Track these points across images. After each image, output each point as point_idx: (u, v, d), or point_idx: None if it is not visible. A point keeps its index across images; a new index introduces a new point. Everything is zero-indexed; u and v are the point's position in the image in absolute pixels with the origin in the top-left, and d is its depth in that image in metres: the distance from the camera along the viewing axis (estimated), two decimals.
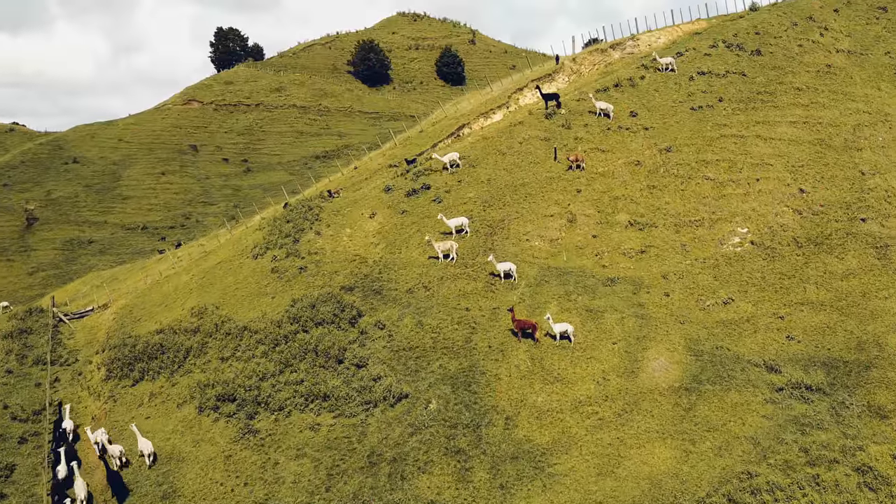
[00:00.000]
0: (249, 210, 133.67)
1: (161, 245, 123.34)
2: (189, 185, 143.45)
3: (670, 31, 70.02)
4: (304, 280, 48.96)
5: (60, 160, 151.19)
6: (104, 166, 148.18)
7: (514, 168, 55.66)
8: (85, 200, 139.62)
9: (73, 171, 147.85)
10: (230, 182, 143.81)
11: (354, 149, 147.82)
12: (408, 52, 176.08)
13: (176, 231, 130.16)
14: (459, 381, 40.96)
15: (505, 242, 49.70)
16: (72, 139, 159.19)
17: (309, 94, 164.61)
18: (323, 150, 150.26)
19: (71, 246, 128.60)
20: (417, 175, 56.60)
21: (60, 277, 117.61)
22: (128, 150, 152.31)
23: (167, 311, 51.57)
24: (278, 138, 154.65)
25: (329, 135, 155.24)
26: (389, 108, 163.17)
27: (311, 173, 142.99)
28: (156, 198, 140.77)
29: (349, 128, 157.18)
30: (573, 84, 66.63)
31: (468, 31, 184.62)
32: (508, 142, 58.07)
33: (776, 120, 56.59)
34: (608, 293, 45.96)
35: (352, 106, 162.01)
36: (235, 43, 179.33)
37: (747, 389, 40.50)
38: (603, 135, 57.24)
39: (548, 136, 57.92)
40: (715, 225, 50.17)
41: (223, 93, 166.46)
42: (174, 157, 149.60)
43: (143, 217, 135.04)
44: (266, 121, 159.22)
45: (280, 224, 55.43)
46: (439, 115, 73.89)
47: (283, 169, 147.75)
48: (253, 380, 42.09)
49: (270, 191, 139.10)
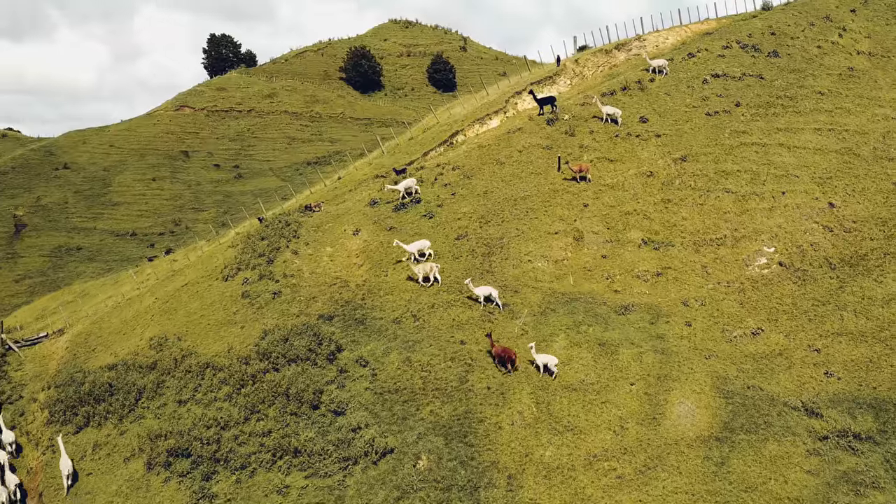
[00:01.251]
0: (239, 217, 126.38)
1: (150, 252, 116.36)
2: (180, 191, 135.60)
3: (678, 31, 62.25)
4: (277, 307, 40.88)
5: (51, 166, 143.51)
6: (95, 172, 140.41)
7: (513, 179, 47.66)
8: (75, 207, 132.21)
9: (63, 177, 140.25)
10: (221, 188, 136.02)
11: (346, 155, 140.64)
12: (399, 59, 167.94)
13: (165, 238, 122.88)
14: (453, 431, 33.12)
15: (504, 264, 41.79)
16: (63, 145, 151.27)
17: (301, 101, 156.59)
18: (315, 156, 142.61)
19: (59, 253, 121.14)
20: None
21: (47, 285, 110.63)
22: (119, 155, 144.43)
23: (124, 340, 43.45)
24: (270, 144, 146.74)
25: (321, 141, 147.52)
26: (381, 114, 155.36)
27: (301, 179, 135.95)
28: (146, 204, 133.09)
29: (341, 134, 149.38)
30: (576, 87, 58.73)
31: (459, 38, 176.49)
32: (507, 150, 49.98)
33: (799, 127, 48.89)
34: (622, 323, 38.20)
35: (344, 112, 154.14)
36: (228, 49, 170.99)
37: (787, 438, 33.04)
38: (611, 142, 49.28)
39: (550, 144, 49.84)
40: (738, 243, 42.47)
41: (215, 99, 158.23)
42: (165, 163, 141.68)
43: (133, 223, 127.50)
44: (258, 127, 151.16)
45: (254, 242, 47.14)
46: (430, 121, 65.71)
47: (275, 175, 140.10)
48: (213, 430, 33.99)
49: (261, 196, 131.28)
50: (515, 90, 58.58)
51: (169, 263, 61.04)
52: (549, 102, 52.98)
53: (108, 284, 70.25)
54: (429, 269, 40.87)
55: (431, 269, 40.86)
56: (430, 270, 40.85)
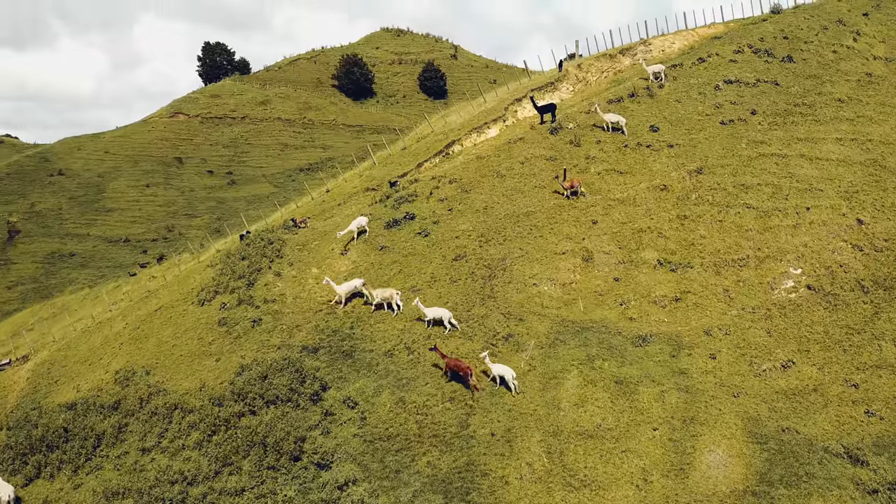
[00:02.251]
0: (233, 223, 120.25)
1: (143, 258, 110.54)
2: (173, 197, 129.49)
3: (685, 35, 56.52)
4: (256, 337, 34.96)
5: (46, 172, 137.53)
6: (89, 178, 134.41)
7: (515, 194, 41.78)
8: (69, 213, 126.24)
9: (58, 183, 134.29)
10: (214, 194, 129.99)
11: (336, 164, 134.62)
12: (391, 67, 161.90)
13: (158, 244, 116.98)
14: (454, 486, 27.42)
15: (507, 288, 35.99)
16: (58, 151, 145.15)
17: (294, 108, 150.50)
18: (307, 162, 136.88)
19: (52, 259, 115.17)
20: (399, 202, 42.38)
21: (40, 292, 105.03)
22: (113, 162, 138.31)
23: (89, 371, 37.42)
24: (263, 151, 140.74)
25: (313, 147, 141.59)
26: (373, 121, 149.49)
27: (294, 185, 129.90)
28: (139, 210, 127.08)
29: (333, 140, 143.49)
30: (579, 94, 52.84)
31: (450, 46, 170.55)
32: (508, 162, 43.99)
33: (820, 136, 43.24)
34: (641, 356, 32.55)
35: (336, 119, 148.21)
36: (222, 57, 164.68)
37: (831, 493, 27.58)
38: (620, 153, 43.42)
39: (554, 154, 43.88)
40: (762, 264, 36.87)
41: (209, 106, 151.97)
42: (159, 170, 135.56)
43: (126, 230, 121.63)
44: (251, 133, 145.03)
45: (234, 261, 41.09)
46: (424, 129, 59.54)
47: (268, 181, 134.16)
48: (178, 486, 27.98)
49: (254, 203, 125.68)
50: (515, 97, 52.32)
51: (147, 280, 54.86)
52: (549, 110, 47.15)
53: (88, 299, 64.18)
54: (388, 295, 35.09)
55: (392, 296, 35.09)
56: (391, 296, 35.08)
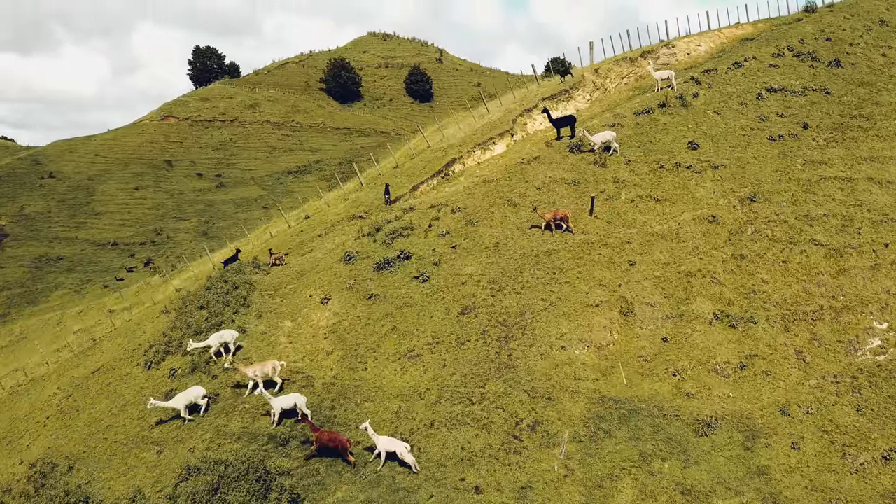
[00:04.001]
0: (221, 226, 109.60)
1: (130, 262, 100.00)
2: (162, 199, 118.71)
3: (711, 36, 46.46)
4: (211, 420, 24.70)
5: (37, 175, 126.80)
6: (79, 181, 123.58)
7: (532, 227, 31.63)
8: (58, 216, 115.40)
9: (48, 186, 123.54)
10: (203, 197, 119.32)
11: (325, 164, 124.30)
12: (378, 70, 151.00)
13: (146, 247, 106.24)
14: None
15: (529, 353, 25.92)
16: (50, 154, 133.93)
17: (282, 111, 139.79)
18: (295, 165, 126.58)
19: (39, 264, 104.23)
20: (391, 236, 31.97)
21: (26, 297, 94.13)
22: (104, 164, 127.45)
23: (4, 456, 27.04)
24: (252, 153, 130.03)
25: (301, 150, 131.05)
26: (360, 123, 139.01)
27: (282, 188, 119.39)
28: (128, 213, 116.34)
29: (321, 143, 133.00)
30: (598, 103, 42.06)
31: (435, 51, 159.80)
32: (521, 187, 33.51)
33: (887, 155, 33.40)
34: (707, 451, 22.69)
35: (324, 122, 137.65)
36: (212, 61, 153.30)
37: None
38: (654, 175, 33.18)
39: (577, 178, 33.54)
40: (839, 317, 27.11)
41: (199, 109, 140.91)
42: (149, 172, 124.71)
43: (115, 233, 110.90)
44: (240, 136, 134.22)
45: (190, 310, 30.52)
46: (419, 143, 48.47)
47: (256, 184, 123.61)
48: None
49: (242, 206, 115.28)
50: (524, 107, 41.59)
51: (100, 314, 44.13)
52: (567, 123, 36.95)
53: (50, 325, 53.54)
54: (269, 369, 25.01)
55: (273, 370, 25.03)
56: (273, 371, 25.02)
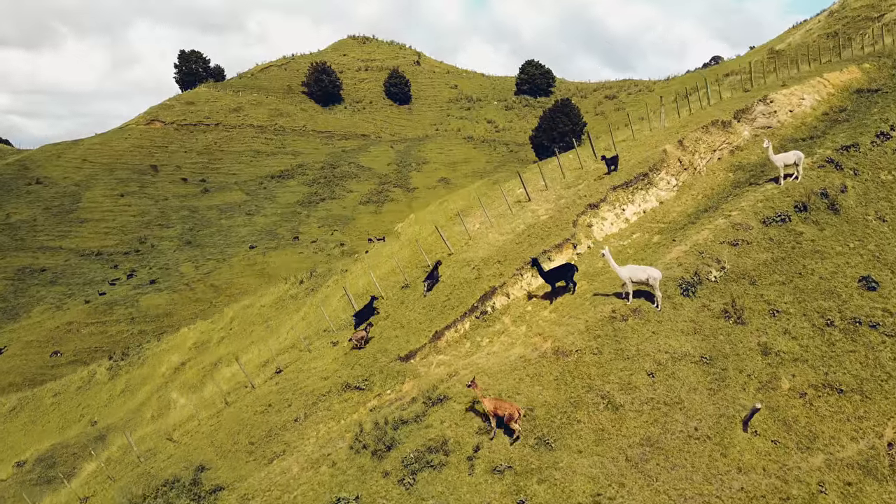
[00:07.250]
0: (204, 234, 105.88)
1: (113, 274, 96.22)
2: (147, 206, 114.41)
3: (815, 85, 35.26)
4: None
5: (24, 181, 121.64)
6: (66, 188, 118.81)
7: (652, 452, 18.34)
8: (43, 224, 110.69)
9: (35, 192, 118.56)
10: (187, 203, 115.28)
11: (308, 168, 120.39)
12: (358, 73, 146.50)
13: (130, 257, 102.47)
14: None
15: None
16: (38, 159, 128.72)
17: (265, 114, 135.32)
18: (278, 169, 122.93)
19: (21, 275, 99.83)
20: (410, 465, 19.15)
21: (7, 312, 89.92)
22: (91, 170, 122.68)
23: None
24: (236, 157, 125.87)
25: (284, 154, 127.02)
26: (342, 127, 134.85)
27: (265, 193, 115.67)
28: (113, 220, 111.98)
29: (303, 146, 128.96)
30: (688, 191, 30.52)
31: (413, 53, 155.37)
32: (619, 366, 20.74)
33: None
34: None
35: (306, 125, 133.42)
36: (198, 64, 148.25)
37: None
38: (823, 340, 21.73)
39: (707, 349, 21.15)
40: None
41: (184, 113, 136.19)
42: (134, 178, 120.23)
43: (100, 242, 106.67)
44: (224, 140, 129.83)
45: None
46: (425, 235, 35.94)
47: (240, 189, 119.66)
48: None
49: (227, 212, 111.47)
50: (585, 200, 30.03)
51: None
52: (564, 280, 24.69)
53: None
54: None
55: None
56: None
